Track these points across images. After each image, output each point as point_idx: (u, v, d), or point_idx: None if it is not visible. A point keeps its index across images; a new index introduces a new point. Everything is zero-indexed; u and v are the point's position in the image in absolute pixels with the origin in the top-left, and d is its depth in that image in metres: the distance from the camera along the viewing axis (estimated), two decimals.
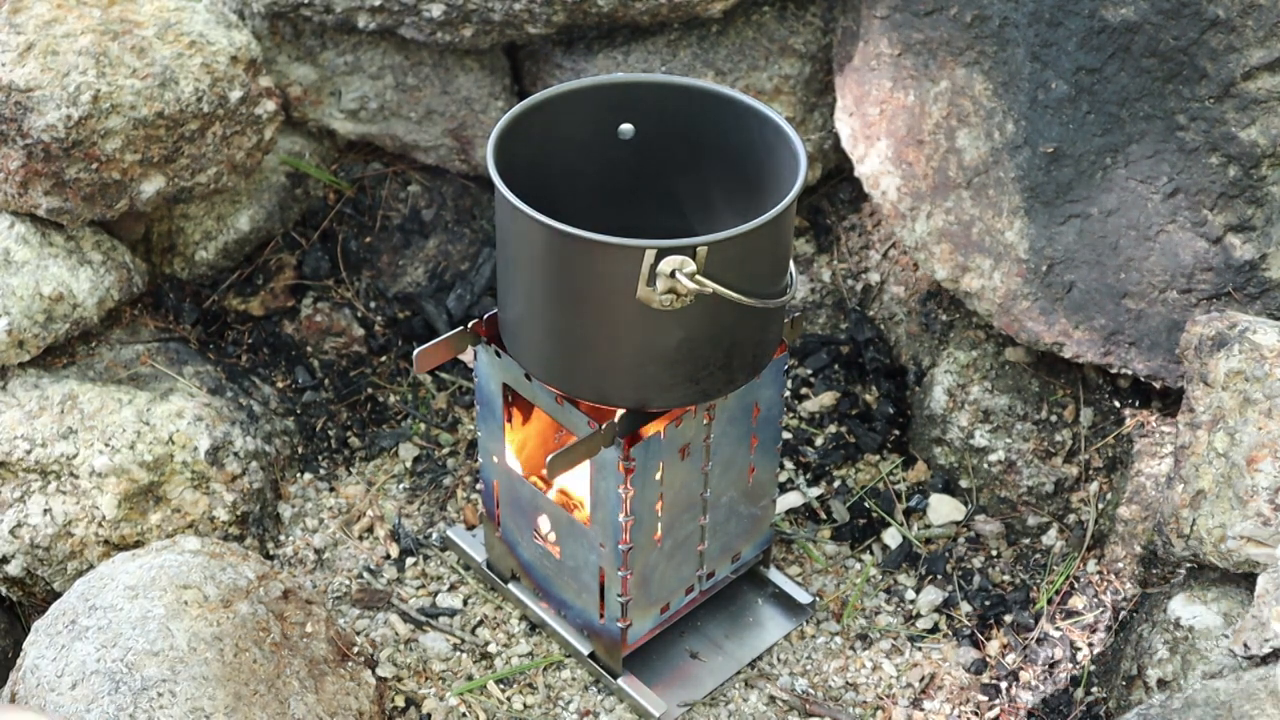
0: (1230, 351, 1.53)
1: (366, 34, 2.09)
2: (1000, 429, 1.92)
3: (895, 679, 1.73)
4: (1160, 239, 1.76)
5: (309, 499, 1.91)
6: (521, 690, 1.70)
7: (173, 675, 1.45)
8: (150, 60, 1.82)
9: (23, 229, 1.84)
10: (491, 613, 1.78)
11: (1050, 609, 1.78)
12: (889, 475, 1.96)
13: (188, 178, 1.88)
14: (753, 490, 1.67)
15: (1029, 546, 1.86)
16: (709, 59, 2.08)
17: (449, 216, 2.20)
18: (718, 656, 1.72)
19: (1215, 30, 1.69)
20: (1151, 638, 1.58)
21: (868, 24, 2.00)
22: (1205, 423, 1.54)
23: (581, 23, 2.02)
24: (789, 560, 1.86)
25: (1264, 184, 1.70)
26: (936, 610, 1.80)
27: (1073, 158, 1.80)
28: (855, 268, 2.17)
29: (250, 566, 1.61)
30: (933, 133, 1.92)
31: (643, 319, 1.38)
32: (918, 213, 1.94)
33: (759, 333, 1.49)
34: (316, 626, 1.60)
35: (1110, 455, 1.88)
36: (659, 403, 1.47)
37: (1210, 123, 1.71)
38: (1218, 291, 1.73)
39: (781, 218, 1.38)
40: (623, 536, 1.54)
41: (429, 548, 1.86)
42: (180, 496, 1.77)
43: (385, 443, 1.98)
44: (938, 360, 2.00)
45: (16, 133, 1.77)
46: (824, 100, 2.13)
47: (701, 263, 1.33)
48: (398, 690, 1.69)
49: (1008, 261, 1.86)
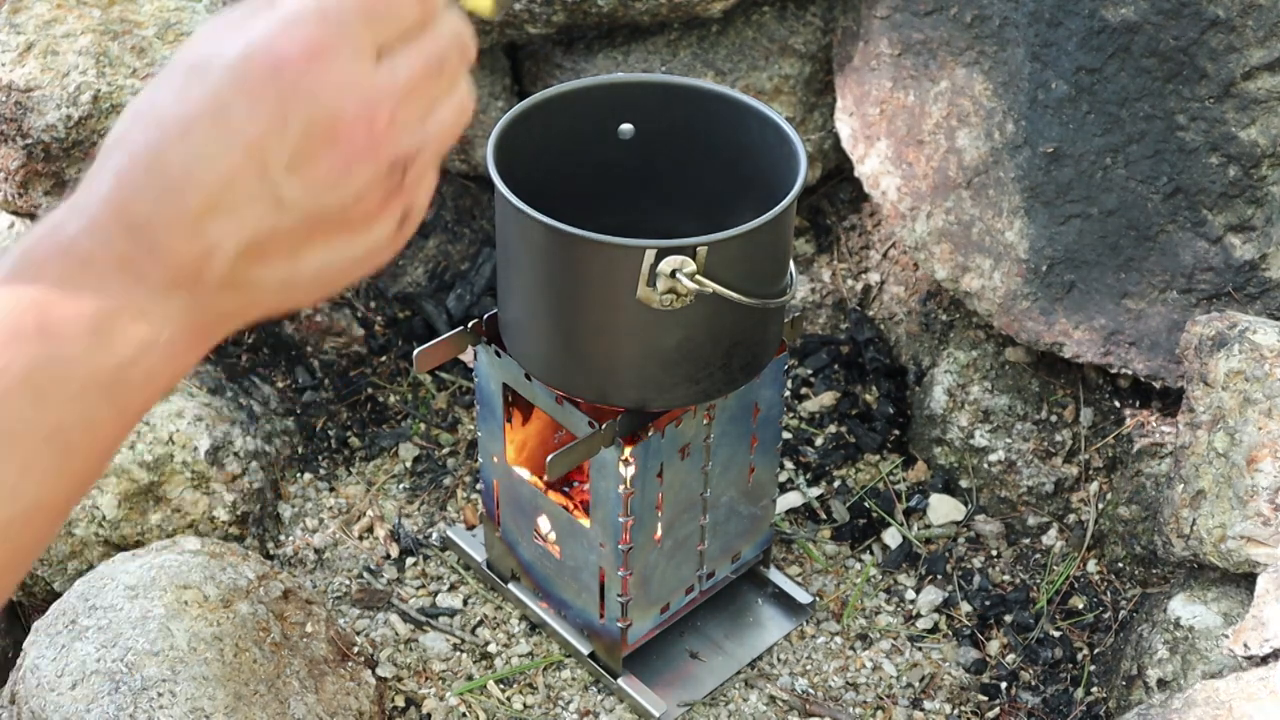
0: (1230, 351, 1.53)
1: None
2: (1000, 429, 1.92)
3: (895, 679, 1.73)
4: (1160, 239, 1.76)
5: (309, 499, 1.91)
6: (521, 690, 1.70)
7: (173, 675, 1.45)
8: (150, 60, 1.82)
9: (23, 229, 1.84)
10: (491, 613, 1.78)
11: (1050, 609, 1.78)
12: (889, 475, 1.96)
13: None
14: (753, 490, 1.67)
15: (1029, 546, 1.86)
16: (709, 59, 2.08)
17: (449, 216, 2.20)
18: (718, 656, 1.72)
19: (1215, 30, 1.69)
20: (1151, 638, 1.58)
21: (868, 24, 2.00)
22: (1205, 423, 1.54)
23: (581, 23, 2.02)
24: (789, 560, 1.86)
25: (1264, 184, 1.70)
26: (936, 610, 1.80)
27: (1073, 157, 1.80)
28: (855, 268, 2.17)
29: (250, 566, 1.61)
30: (933, 133, 1.92)
31: (643, 319, 1.38)
32: (918, 213, 1.94)
33: (759, 333, 1.49)
34: (316, 626, 1.59)
35: (1110, 455, 1.88)
36: (659, 403, 1.47)
37: (1210, 123, 1.71)
38: (1218, 291, 1.73)
39: (781, 218, 1.38)
40: (623, 536, 1.54)
41: (429, 548, 1.86)
42: (180, 496, 1.77)
43: (385, 443, 1.98)
44: (938, 360, 2.00)
45: (16, 133, 1.77)
46: (824, 100, 2.13)
47: (702, 263, 1.33)
48: (398, 690, 1.69)
49: (1008, 261, 1.86)
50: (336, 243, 0.86)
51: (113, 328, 0.79)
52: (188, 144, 0.80)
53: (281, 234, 0.83)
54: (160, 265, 0.80)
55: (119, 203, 0.80)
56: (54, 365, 0.77)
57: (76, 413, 0.77)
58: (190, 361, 0.82)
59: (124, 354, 0.79)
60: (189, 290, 0.81)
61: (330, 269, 0.86)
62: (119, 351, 0.79)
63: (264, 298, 0.85)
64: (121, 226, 0.80)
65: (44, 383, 0.76)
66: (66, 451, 0.77)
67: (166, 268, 0.80)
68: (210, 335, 0.83)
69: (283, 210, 0.82)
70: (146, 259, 0.80)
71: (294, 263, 0.84)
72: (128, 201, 0.80)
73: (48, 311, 0.78)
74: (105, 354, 0.78)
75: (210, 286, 0.82)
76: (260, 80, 0.81)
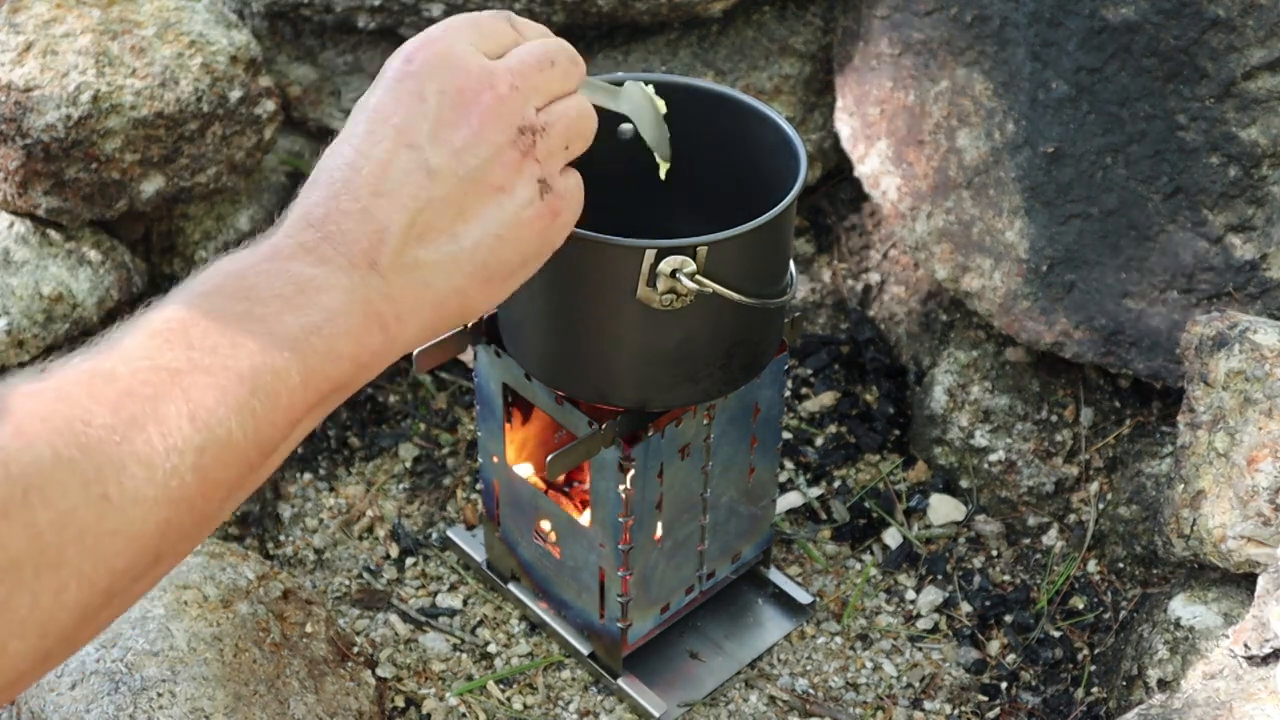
0: (1230, 351, 1.53)
1: (366, 34, 2.09)
2: (1000, 429, 1.92)
3: (895, 679, 1.73)
4: (1160, 239, 1.76)
5: (309, 499, 1.91)
6: (521, 690, 1.70)
7: (172, 675, 1.45)
8: (150, 60, 1.82)
9: (22, 229, 1.84)
10: (491, 613, 1.78)
11: (1050, 609, 1.78)
12: (889, 475, 1.96)
13: (187, 178, 1.88)
14: (753, 490, 1.67)
15: (1029, 546, 1.86)
16: (709, 59, 2.08)
17: None
18: (718, 656, 1.72)
19: (1215, 30, 1.69)
20: (1151, 638, 1.58)
21: (868, 24, 2.00)
22: (1205, 423, 1.54)
23: (581, 23, 2.02)
24: (789, 560, 1.85)
25: (1264, 184, 1.70)
26: (936, 610, 1.80)
27: (1073, 157, 1.80)
28: (855, 268, 2.17)
29: (250, 566, 1.61)
30: (933, 133, 1.92)
31: (643, 319, 1.38)
32: (918, 213, 1.94)
33: (759, 333, 1.49)
34: (316, 627, 1.59)
35: (1110, 455, 1.88)
36: (659, 403, 1.47)
37: (1210, 122, 1.71)
38: (1218, 291, 1.73)
39: (781, 218, 1.38)
40: (623, 536, 1.54)
41: (429, 548, 1.86)
42: None
43: (385, 443, 1.98)
44: (938, 360, 2.00)
45: (16, 133, 1.77)
46: (824, 100, 2.12)
47: (702, 263, 1.33)
48: (398, 690, 1.69)
49: (1008, 261, 1.86)
50: (484, 210, 1.00)
51: (302, 296, 0.90)
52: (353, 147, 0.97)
53: (436, 206, 0.97)
54: (338, 250, 0.93)
55: (301, 215, 0.95)
56: (250, 320, 0.87)
57: (267, 360, 0.86)
58: (366, 345, 0.93)
59: (312, 318, 0.90)
60: (364, 273, 0.93)
61: (488, 245, 1.00)
62: (308, 314, 0.90)
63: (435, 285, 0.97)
64: (301, 226, 0.94)
65: (243, 331, 0.86)
66: (255, 394, 0.85)
67: (345, 253, 0.93)
68: (384, 322, 0.95)
69: (434, 180, 0.97)
70: (326, 245, 0.93)
71: (454, 239, 0.98)
72: (309, 206, 0.95)
73: (244, 282, 0.89)
74: (294, 316, 0.89)
75: (384, 268, 0.94)
76: (397, 75, 0.99)
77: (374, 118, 0.98)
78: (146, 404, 0.80)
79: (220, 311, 0.86)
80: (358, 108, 1.00)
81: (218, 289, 0.88)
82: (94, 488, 0.76)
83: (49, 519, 0.74)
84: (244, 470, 0.85)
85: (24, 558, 0.74)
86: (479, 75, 0.99)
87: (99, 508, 0.76)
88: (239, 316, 0.87)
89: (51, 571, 0.75)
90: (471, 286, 1.00)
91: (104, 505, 0.77)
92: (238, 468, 0.85)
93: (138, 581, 0.81)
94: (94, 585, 0.77)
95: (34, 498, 0.74)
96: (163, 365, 0.81)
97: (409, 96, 0.97)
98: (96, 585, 0.78)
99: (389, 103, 0.98)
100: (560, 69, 1.07)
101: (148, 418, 0.79)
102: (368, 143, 0.96)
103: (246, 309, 0.87)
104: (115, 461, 0.77)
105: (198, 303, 0.86)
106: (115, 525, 0.77)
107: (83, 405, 0.78)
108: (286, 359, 0.87)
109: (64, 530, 0.75)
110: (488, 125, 0.99)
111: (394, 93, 0.98)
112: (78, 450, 0.76)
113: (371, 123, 0.97)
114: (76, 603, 0.77)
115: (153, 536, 0.80)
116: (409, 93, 0.97)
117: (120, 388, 0.79)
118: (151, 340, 0.83)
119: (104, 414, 0.78)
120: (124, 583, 0.80)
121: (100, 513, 0.77)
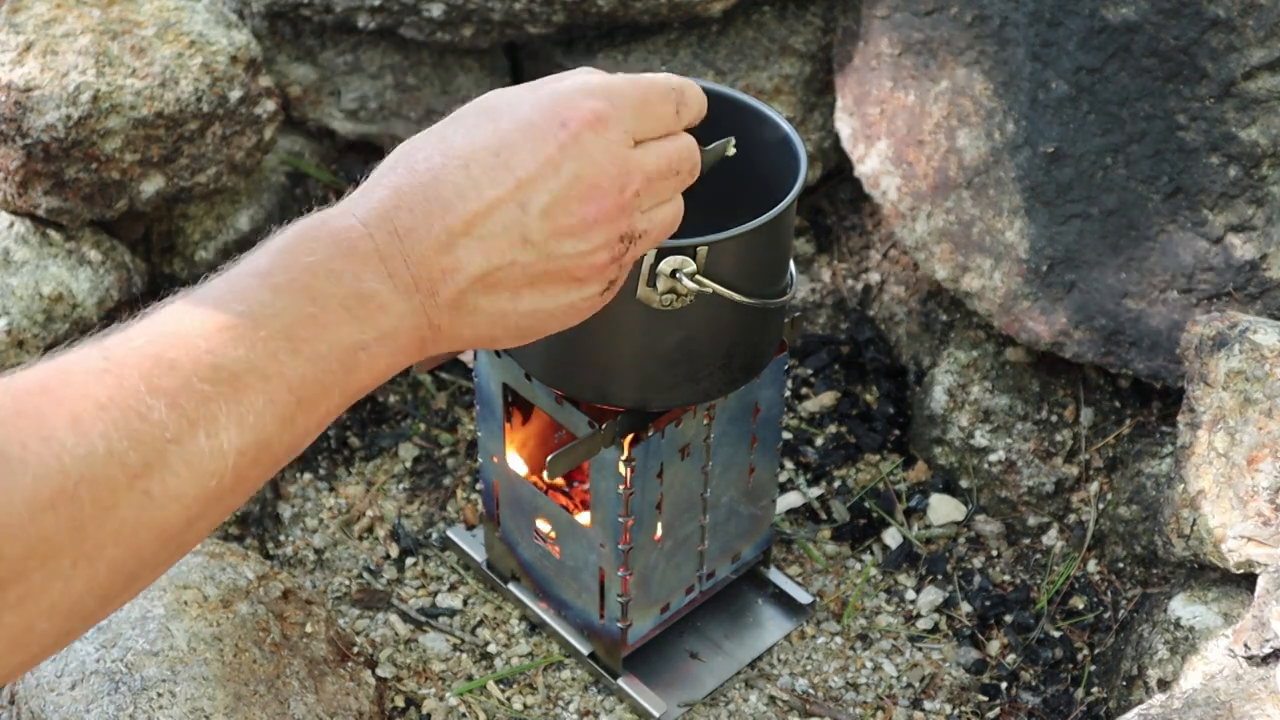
0: (1230, 351, 1.53)
1: (366, 34, 2.09)
2: (1000, 429, 1.92)
3: (895, 679, 1.73)
4: (1160, 239, 1.76)
5: (309, 499, 1.91)
6: (521, 690, 1.70)
7: (172, 675, 1.45)
8: (150, 60, 1.82)
9: (22, 229, 1.84)
10: (491, 613, 1.78)
11: (1050, 609, 1.78)
12: (889, 475, 1.95)
13: (187, 178, 1.88)
14: (753, 490, 1.67)
15: (1029, 546, 1.86)
16: (709, 59, 2.08)
17: None
18: (718, 656, 1.72)
19: (1215, 30, 1.69)
20: (1151, 638, 1.58)
21: (868, 24, 2.00)
22: (1205, 423, 1.54)
23: (581, 23, 2.02)
24: (789, 560, 1.85)
25: (1264, 184, 1.70)
26: (936, 610, 1.80)
27: (1073, 157, 1.80)
28: (855, 268, 2.17)
29: (250, 566, 1.61)
30: (933, 132, 1.92)
31: (643, 319, 1.38)
32: (918, 213, 1.94)
33: (759, 333, 1.49)
34: (316, 627, 1.59)
35: (1110, 455, 1.88)
36: (659, 403, 1.47)
37: (1210, 122, 1.71)
38: (1218, 291, 1.73)
39: (782, 218, 1.38)
40: (623, 536, 1.54)
41: (429, 548, 1.86)
42: None
43: (385, 443, 1.98)
44: (938, 360, 2.00)
45: (16, 133, 1.77)
46: (824, 100, 2.12)
47: (702, 263, 1.33)
48: (398, 690, 1.69)
49: (1008, 261, 1.86)
50: (553, 291, 0.99)
51: (363, 309, 0.89)
52: (467, 172, 0.94)
53: (515, 270, 0.96)
54: (409, 269, 0.92)
55: (391, 210, 0.93)
56: (312, 326, 0.87)
57: (317, 371, 0.87)
58: (398, 364, 0.93)
59: (365, 335, 0.89)
60: (423, 299, 0.93)
61: (538, 315, 1.00)
62: (363, 330, 0.89)
63: (477, 327, 0.97)
64: (387, 230, 0.92)
65: (302, 337, 0.86)
66: (299, 404, 0.86)
67: (414, 274, 0.92)
68: (424, 348, 0.95)
69: (525, 248, 0.95)
70: (399, 260, 0.91)
71: (514, 300, 0.97)
72: (398, 210, 0.93)
73: (314, 280, 0.88)
74: (352, 329, 0.89)
75: (441, 301, 0.94)
76: (547, 130, 0.96)
77: (502, 157, 0.94)
78: (201, 404, 0.81)
79: (287, 311, 0.86)
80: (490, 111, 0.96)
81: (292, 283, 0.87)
82: (139, 483, 0.78)
83: (93, 513, 0.76)
84: (273, 470, 0.87)
85: (65, 549, 0.75)
86: (616, 176, 0.98)
87: (140, 503, 0.78)
88: (303, 321, 0.87)
89: (88, 562, 0.76)
90: (506, 338, 1.01)
91: (145, 500, 0.78)
92: (269, 469, 0.86)
93: (160, 568, 0.83)
94: (123, 573, 0.79)
95: (83, 491, 0.75)
96: (222, 364, 0.82)
97: (545, 161, 0.95)
98: (125, 573, 0.80)
99: (525, 153, 0.95)
100: (681, 179, 1.06)
101: (200, 417, 0.80)
102: (485, 178, 0.94)
103: (313, 314, 0.87)
104: (163, 458, 0.79)
105: (269, 297, 0.86)
106: (151, 519, 0.79)
107: (141, 397, 0.79)
108: (334, 375, 0.88)
109: (105, 524, 0.76)
110: (600, 225, 0.98)
111: (533, 143, 0.95)
112: (130, 443, 0.77)
113: (500, 158, 0.94)
114: (105, 588, 0.79)
115: (183, 530, 0.81)
116: (546, 158, 0.95)
117: (179, 382, 0.80)
118: (218, 331, 0.84)
119: (160, 409, 0.79)
120: (149, 570, 0.82)
121: (141, 507, 0.78)
